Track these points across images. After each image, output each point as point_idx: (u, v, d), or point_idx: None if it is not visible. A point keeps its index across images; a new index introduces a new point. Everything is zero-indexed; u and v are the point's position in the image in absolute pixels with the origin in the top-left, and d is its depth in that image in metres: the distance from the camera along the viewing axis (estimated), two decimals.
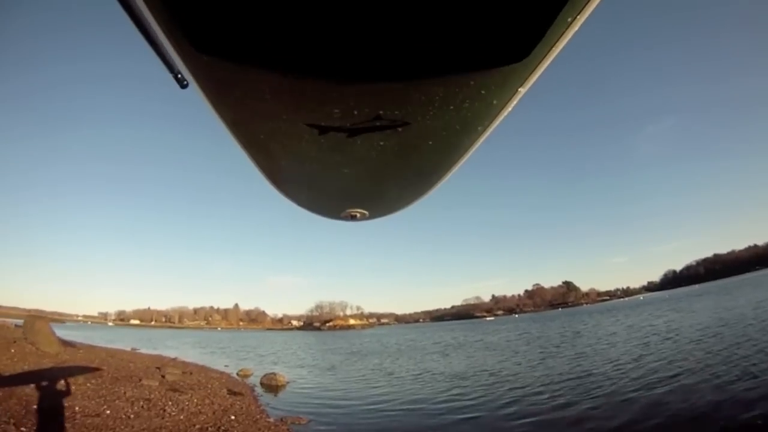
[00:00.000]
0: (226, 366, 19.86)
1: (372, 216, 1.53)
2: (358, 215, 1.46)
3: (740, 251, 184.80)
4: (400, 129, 0.82)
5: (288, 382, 14.21)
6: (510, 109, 0.84)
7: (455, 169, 1.18)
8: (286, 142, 0.91)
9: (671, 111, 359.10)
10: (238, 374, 16.56)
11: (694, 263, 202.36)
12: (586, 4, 0.58)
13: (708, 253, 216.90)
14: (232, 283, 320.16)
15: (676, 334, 17.17)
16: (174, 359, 22.16)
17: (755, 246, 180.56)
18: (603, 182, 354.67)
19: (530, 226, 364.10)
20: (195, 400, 10.00)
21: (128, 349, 27.60)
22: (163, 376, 13.21)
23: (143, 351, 27.07)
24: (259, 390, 13.06)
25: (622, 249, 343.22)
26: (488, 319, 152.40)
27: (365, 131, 0.82)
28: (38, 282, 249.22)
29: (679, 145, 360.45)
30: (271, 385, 13.73)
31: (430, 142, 0.92)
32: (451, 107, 0.76)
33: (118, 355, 19.96)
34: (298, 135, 0.85)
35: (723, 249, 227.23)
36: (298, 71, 0.64)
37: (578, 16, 0.60)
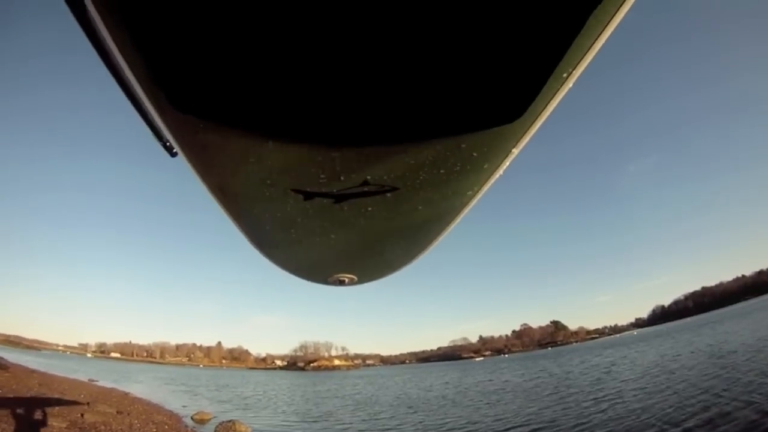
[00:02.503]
0: (184, 407, 16.04)
1: (361, 281, 1.50)
2: (347, 280, 1.44)
3: (728, 282, 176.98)
4: (388, 194, 0.81)
5: None
6: (503, 170, 0.82)
7: (447, 232, 1.16)
8: (270, 207, 0.89)
9: (653, 150, 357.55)
10: (192, 418, 12.83)
11: (682, 297, 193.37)
12: (583, 56, 0.56)
13: (696, 287, 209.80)
14: (216, 321, 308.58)
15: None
16: (126, 395, 18.87)
17: (743, 276, 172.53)
18: (585, 221, 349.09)
19: (515, 266, 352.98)
20: None
21: (85, 379, 25.26)
22: (81, 415, 9.69)
23: (100, 383, 24.27)
24: None
25: (606, 287, 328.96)
26: (477, 360, 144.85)
27: (352, 197, 0.80)
28: (22, 309, 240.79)
29: (660, 183, 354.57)
30: None
31: (420, 207, 0.91)
32: (442, 171, 0.76)
33: (55, 385, 16.75)
34: (283, 201, 0.84)
35: (711, 282, 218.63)
36: (282, 135, 0.64)
37: (574, 71, 0.58)
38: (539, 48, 0.53)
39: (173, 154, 0.95)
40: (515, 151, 0.75)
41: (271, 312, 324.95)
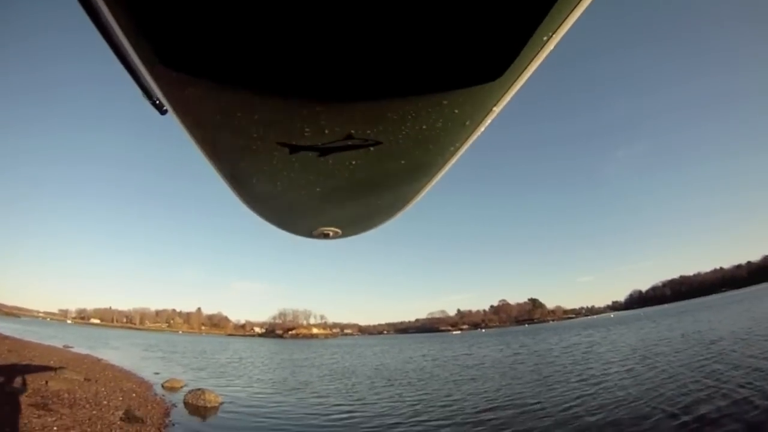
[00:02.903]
0: (156, 373, 16.09)
1: (345, 234, 1.54)
2: (331, 234, 1.47)
3: (706, 273, 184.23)
4: (371, 148, 0.82)
5: (221, 403, 10.53)
6: (484, 128, 0.85)
7: (428, 188, 1.18)
8: (256, 160, 0.90)
9: (644, 136, 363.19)
10: (163, 386, 12.86)
11: (660, 284, 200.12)
12: (563, 21, 0.57)
13: (674, 275, 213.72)
14: (196, 287, 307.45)
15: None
16: (98, 361, 18.87)
17: (721, 269, 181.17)
18: (571, 201, 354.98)
19: (496, 242, 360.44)
20: (55, 428, 6.48)
21: (60, 346, 25.14)
22: (46, 382, 9.57)
23: (75, 350, 24.39)
24: (178, 412, 9.48)
25: (588, 268, 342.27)
26: (454, 333, 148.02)
27: (337, 150, 0.82)
28: (2, 276, 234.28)
29: (648, 170, 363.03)
30: (197, 406, 10.04)
31: (403, 162, 0.92)
32: (424, 126, 0.76)
33: (26, 351, 16.55)
34: (268, 153, 0.85)
35: (689, 271, 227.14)
36: (267, 89, 0.66)
37: (554, 35, 0.60)
38: (520, 9, 0.54)
39: (163, 112, 0.95)
40: (496, 110, 0.77)
41: (252, 278, 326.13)
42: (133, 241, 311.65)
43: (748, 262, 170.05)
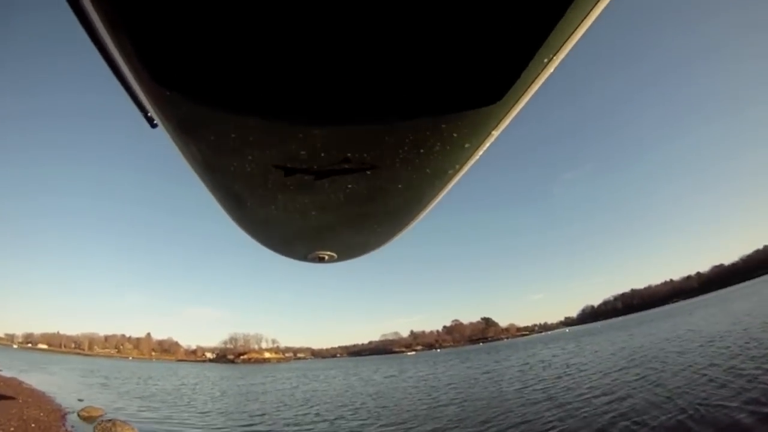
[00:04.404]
0: (80, 400, 14.64)
1: (340, 258, 1.52)
2: (327, 257, 1.46)
3: (657, 286, 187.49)
4: (368, 172, 0.82)
5: None
6: (482, 151, 0.84)
7: (427, 212, 1.17)
8: (251, 182, 0.89)
9: (589, 158, 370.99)
10: (79, 415, 11.58)
11: (611, 298, 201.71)
12: (564, 43, 0.57)
13: (625, 289, 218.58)
14: (146, 312, 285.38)
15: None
16: (20, 384, 17.77)
17: (671, 281, 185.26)
18: (519, 221, 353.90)
19: (446, 261, 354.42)
20: None
21: None
22: None
23: (2, 373, 22.99)
24: None
25: (539, 286, 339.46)
26: (409, 354, 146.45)
27: (333, 173, 0.82)
28: None
29: (593, 190, 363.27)
30: None
31: (399, 186, 0.91)
32: (422, 150, 0.76)
33: None
34: (263, 176, 0.84)
35: (640, 285, 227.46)
36: (263, 111, 0.65)
37: (555, 57, 0.60)
38: (521, 32, 0.54)
39: (153, 125, 0.94)
40: (495, 133, 0.76)
41: (204, 304, 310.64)
42: (82, 263, 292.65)
43: (698, 273, 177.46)
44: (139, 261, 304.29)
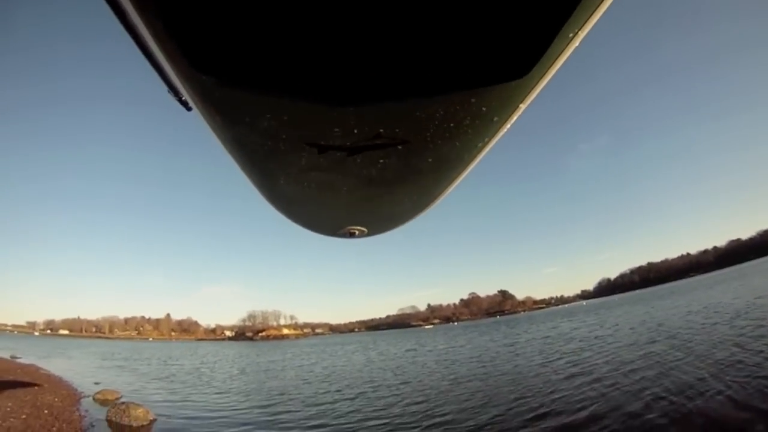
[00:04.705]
0: (96, 383, 14.44)
1: (371, 233, 1.54)
2: (357, 232, 1.48)
3: (673, 259, 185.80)
4: (400, 147, 0.84)
5: (153, 420, 9.04)
6: (510, 125, 0.86)
7: (455, 185, 1.19)
8: (285, 160, 0.92)
9: (605, 130, 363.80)
10: (94, 398, 11.32)
11: (628, 272, 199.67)
12: (589, 18, 0.59)
13: (642, 262, 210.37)
14: (165, 293, 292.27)
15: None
16: (37, 370, 17.68)
17: (688, 254, 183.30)
18: (535, 194, 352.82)
19: (463, 235, 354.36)
20: None
21: (7, 356, 24.72)
22: None
23: (21, 360, 23.67)
24: None
25: (553, 259, 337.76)
26: (426, 327, 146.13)
27: (365, 149, 0.84)
28: None
29: (609, 162, 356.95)
30: (120, 425, 8.55)
31: (430, 159, 0.94)
32: (452, 124, 0.78)
33: None
34: (297, 154, 0.87)
35: (656, 258, 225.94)
36: (298, 91, 0.67)
37: (579, 31, 0.62)
38: (548, 7, 0.55)
39: (189, 108, 0.95)
40: (522, 107, 0.78)
41: (222, 282, 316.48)
42: (98, 247, 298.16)
43: (715, 248, 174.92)
44: (156, 241, 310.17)
